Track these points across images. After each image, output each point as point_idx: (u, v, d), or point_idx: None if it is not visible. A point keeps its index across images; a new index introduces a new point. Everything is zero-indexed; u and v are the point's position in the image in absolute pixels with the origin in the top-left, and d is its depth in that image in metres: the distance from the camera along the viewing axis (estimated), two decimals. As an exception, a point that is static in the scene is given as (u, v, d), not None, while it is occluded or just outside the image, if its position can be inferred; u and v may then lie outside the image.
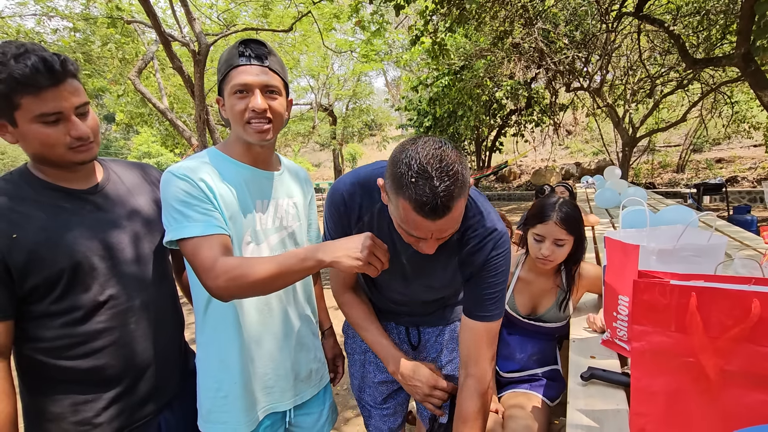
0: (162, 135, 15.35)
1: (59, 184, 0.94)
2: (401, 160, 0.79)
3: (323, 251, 0.90)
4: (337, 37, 14.49)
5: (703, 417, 0.75)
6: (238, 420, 1.04)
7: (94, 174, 1.02)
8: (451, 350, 1.27)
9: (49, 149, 0.89)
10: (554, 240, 1.45)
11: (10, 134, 0.89)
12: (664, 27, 5.53)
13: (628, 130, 10.03)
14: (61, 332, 0.90)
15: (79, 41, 8.61)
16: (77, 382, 0.93)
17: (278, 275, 0.90)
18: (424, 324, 1.26)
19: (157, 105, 7.01)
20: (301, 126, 20.57)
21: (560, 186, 4.64)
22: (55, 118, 0.87)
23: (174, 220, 0.95)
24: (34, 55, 0.83)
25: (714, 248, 1.03)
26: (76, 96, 0.89)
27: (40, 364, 0.91)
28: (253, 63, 1.00)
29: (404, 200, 0.78)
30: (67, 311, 0.91)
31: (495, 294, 1.01)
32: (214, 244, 0.93)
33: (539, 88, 12.15)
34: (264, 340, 1.08)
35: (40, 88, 0.84)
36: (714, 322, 0.72)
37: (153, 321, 1.02)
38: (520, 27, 7.50)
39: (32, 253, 0.86)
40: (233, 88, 0.99)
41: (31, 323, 0.90)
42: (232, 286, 0.89)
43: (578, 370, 1.13)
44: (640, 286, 0.79)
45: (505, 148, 16.15)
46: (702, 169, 12.61)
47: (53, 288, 0.89)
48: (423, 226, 0.80)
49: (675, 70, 8.88)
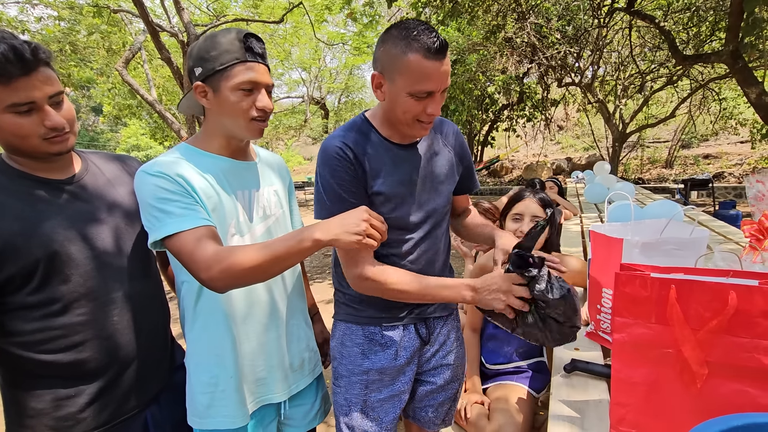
0: (151, 127, 15.14)
1: (35, 174, 0.92)
2: (397, 35, 0.94)
3: (320, 231, 0.87)
4: (328, 29, 14.38)
5: (681, 406, 0.77)
6: (236, 413, 1.04)
7: (72, 164, 0.99)
8: (453, 340, 1.26)
9: (22, 140, 0.86)
10: (532, 217, 1.55)
11: None
12: (655, 23, 5.57)
13: (618, 126, 10.12)
14: (39, 325, 0.88)
15: (64, 30, 8.41)
16: (58, 376, 0.91)
17: (274, 260, 0.88)
18: (429, 315, 1.19)
19: (145, 96, 6.90)
20: (292, 119, 20.42)
21: (549, 181, 4.68)
22: (27, 108, 0.84)
23: (155, 219, 0.92)
24: (3, 43, 0.80)
25: (696, 242, 1.05)
26: (49, 85, 0.86)
27: (19, 358, 0.89)
28: (259, 61, 1.00)
29: (414, 53, 0.91)
30: (45, 303, 0.88)
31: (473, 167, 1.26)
32: (201, 237, 0.90)
33: (531, 83, 12.19)
34: (255, 331, 1.07)
35: (11, 78, 0.81)
36: (693, 314, 0.73)
37: (136, 314, 1.00)
38: (513, 21, 7.50)
39: (6, 242, 0.84)
40: (240, 85, 0.97)
41: (7, 315, 0.87)
42: (227, 276, 0.87)
43: (562, 362, 1.15)
44: (621, 279, 0.80)
45: (497, 142, 16.20)
46: (690, 165, 12.78)
47: (30, 279, 0.87)
48: (435, 72, 0.93)
49: (665, 66, 8.97)
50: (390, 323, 1.13)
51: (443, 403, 1.27)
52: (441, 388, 1.25)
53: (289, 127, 20.64)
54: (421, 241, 1.12)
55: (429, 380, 1.24)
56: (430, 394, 1.25)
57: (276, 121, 19.69)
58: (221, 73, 0.97)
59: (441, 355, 1.23)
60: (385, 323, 1.13)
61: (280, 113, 19.50)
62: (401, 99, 0.96)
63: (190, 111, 1.14)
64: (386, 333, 1.13)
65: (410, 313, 1.14)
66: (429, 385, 1.24)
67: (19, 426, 0.91)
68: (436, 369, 1.23)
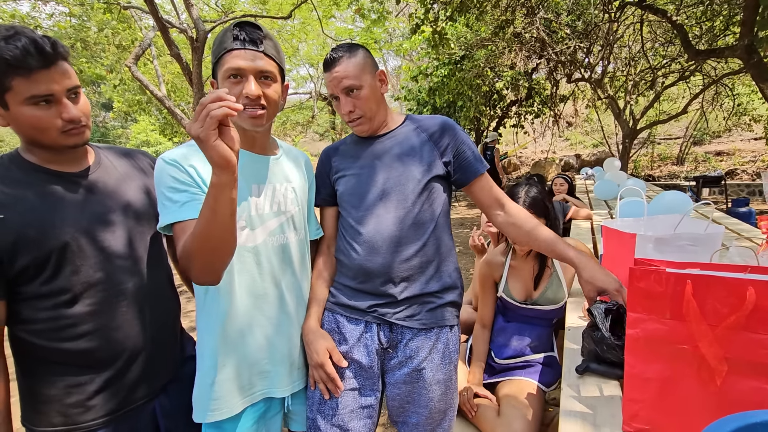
0: (160, 123, 15.23)
1: (49, 167, 0.94)
2: None
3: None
4: (336, 25, 14.34)
5: (696, 403, 0.76)
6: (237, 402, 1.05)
7: (86, 157, 1.01)
8: (422, 359, 1.17)
9: (41, 132, 0.89)
10: None
11: (1, 117, 0.89)
12: (667, 17, 5.47)
13: (628, 122, 9.99)
14: (51, 314, 0.91)
15: (75, 27, 8.49)
16: (69, 364, 0.94)
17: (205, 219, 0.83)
18: (396, 320, 1.16)
19: (154, 92, 6.94)
20: (300, 115, 20.44)
21: (559, 178, 4.63)
22: (46, 100, 0.87)
23: (163, 207, 0.96)
24: (25, 37, 0.83)
25: (711, 237, 1.03)
26: (68, 78, 0.89)
27: (33, 346, 0.92)
28: (247, 47, 0.98)
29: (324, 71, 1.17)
30: (57, 293, 0.91)
31: (473, 148, 1.23)
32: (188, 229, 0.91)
33: (540, 79, 12.05)
34: (259, 325, 1.07)
35: (31, 70, 0.83)
36: (710, 309, 0.72)
37: (145, 305, 1.02)
38: (522, 16, 7.41)
39: (20, 234, 0.87)
40: (226, 72, 0.98)
41: (22, 305, 0.91)
42: (186, 261, 0.89)
43: (573, 358, 1.14)
44: (635, 274, 0.79)
45: (505, 139, 16.07)
46: (701, 162, 12.59)
47: (43, 269, 0.89)
48: (328, 79, 1.16)
49: (677, 62, 8.82)
50: (352, 315, 1.19)
51: (416, 428, 1.20)
52: (414, 408, 1.19)
53: (296, 123, 20.67)
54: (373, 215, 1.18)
55: (395, 393, 1.20)
56: (401, 411, 1.21)
57: (283, 117, 19.73)
58: (218, 64, 1.00)
59: (407, 370, 1.17)
60: (348, 314, 1.19)
61: (288, 109, 19.53)
62: (334, 103, 1.21)
63: None
64: (349, 325, 1.19)
65: (373, 310, 1.17)
66: (396, 400, 1.20)
67: (34, 412, 0.94)
68: (402, 384, 1.18)
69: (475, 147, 1.27)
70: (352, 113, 1.16)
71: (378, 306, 1.17)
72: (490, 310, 1.68)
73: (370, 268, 1.16)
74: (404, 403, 1.20)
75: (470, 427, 1.52)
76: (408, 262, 1.16)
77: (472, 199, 1.27)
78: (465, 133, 1.24)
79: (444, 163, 1.20)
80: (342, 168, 1.25)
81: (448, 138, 1.21)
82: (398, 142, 1.21)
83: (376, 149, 1.22)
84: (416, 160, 1.18)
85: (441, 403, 1.21)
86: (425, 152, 1.19)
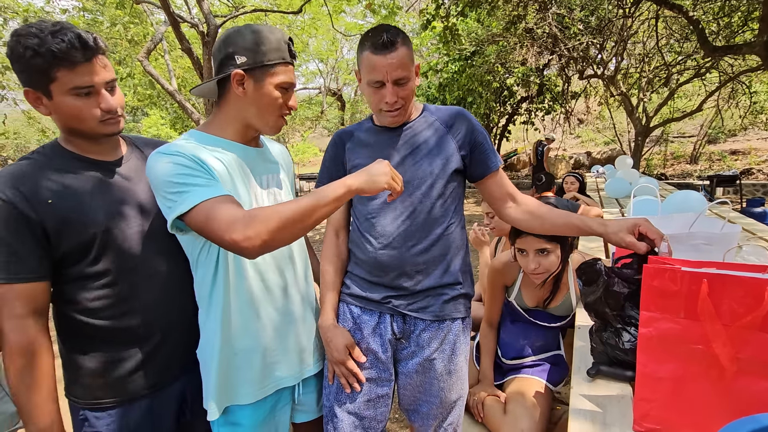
0: (171, 117, 15.37)
1: (88, 156, 1.01)
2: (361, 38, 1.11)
3: (351, 178, 0.94)
4: (346, 20, 14.30)
5: (708, 403, 0.75)
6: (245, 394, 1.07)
7: (119, 148, 1.09)
8: (434, 350, 1.19)
9: (81, 121, 0.96)
10: (536, 251, 1.41)
11: (45, 106, 0.95)
12: (684, 12, 5.37)
13: (641, 120, 9.84)
14: (95, 294, 0.98)
15: (88, 21, 8.58)
16: (111, 340, 1.01)
17: (312, 208, 0.89)
18: (410, 311, 1.18)
19: (165, 86, 7.00)
20: (309, 111, 20.47)
21: (570, 176, 4.58)
22: (87, 91, 0.94)
23: (176, 194, 0.91)
24: (70, 32, 0.90)
25: (727, 237, 1.01)
26: (107, 71, 0.96)
27: (78, 323, 0.99)
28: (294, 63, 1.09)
29: (365, 50, 1.08)
30: (101, 275, 0.98)
31: (489, 144, 1.22)
32: (227, 202, 0.90)
33: (551, 75, 11.92)
34: (267, 315, 1.09)
35: (75, 63, 0.90)
36: (726, 309, 0.71)
37: (176, 287, 1.09)
38: (534, 12, 7.33)
39: (65, 219, 0.93)
40: (282, 83, 1.05)
41: (67, 285, 0.98)
42: (263, 232, 0.84)
43: (582, 356, 1.13)
44: (649, 272, 0.78)
45: (514, 135, 15.94)
46: (716, 161, 12.37)
47: (87, 252, 0.97)
48: (380, 63, 1.06)
49: (692, 58, 8.65)
50: (367, 307, 1.20)
51: (429, 416, 1.22)
52: (425, 398, 1.22)
53: (305, 118, 20.71)
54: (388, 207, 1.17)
55: (407, 382, 1.22)
56: (412, 400, 1.23)
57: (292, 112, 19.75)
58: (267, 69, 1.01)
59: (419, 360, 1.19)
60: (363, 305, 1.20)
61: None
62: (366, 89, 1.14)
63: (203, 95, 1.18)
64: (364, 316, 1.20)
65: (387, 302, 1.18)
66: (408, 389, 1.22)
67: (77, 385, 1.02)
68: (414, 374, 1.20)
69: (491, 140, 1.26)
70: (395, 104, 1.11)
71: (392, 298, 1.18)
72: (498, 311, 1.67)
73: (385, 262, 1.16)
74: (416, 392, 1.22)
75: (477, 425, 1.52)
76: (423, 256, 1.16)
77: (483, 193, 1.26)
78: (480, 124, 1.22)
79: (462, 156, 1.19)
80: (357, 156, 1.22)
81: (465, 130, 1.19)
82: (416, 133, 1.19)
83: (394, 140, 1.19)
84: (434, 155, 1.17)
85: (452, 393, 1.22)
86: (443, 146, 1.18)
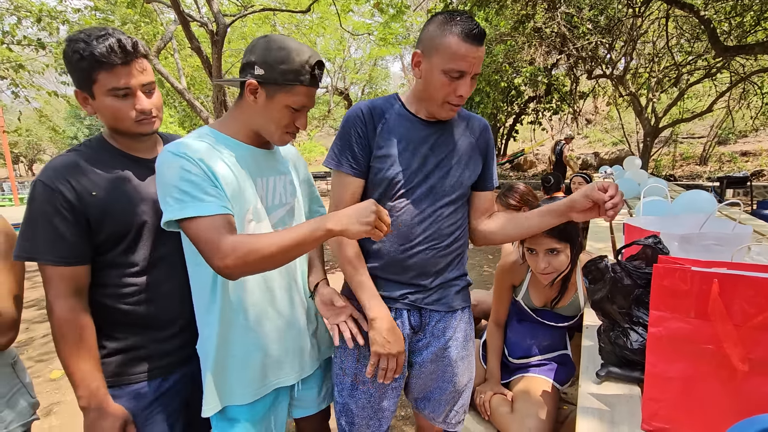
0: (180, 116, 15.49)
1: (130, 152, 1.09)
2: (442, 18, 1.04)
3: (332, 221, 0.92)
4: (354, 19, 14.31)
5: (718, 404, 0.75)
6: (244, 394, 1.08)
7: (156, 146, 1.16)
8: (448, 338, 1.22)
9: (118, 121, 1.03)
10: (546, 250, 1.40)
11: (90, 105, 1.03)
12: (695, 12, 5.31)
13: (650, 120, 9.75)
14: (124, 281, 1.05)
15: (99, 21, 8.66)
16: (135, 324, 1.08)
17: (288, 248, 0.91)
18: (426, 304, 1.19)
19: (175, 85, 7.06)
20: (316, 110, 20.52)
21: (578, 176, 4.56)
22: (124, 93, 1.00)
23: (175, 200, 0.93)
24: (112, 37, 0.97)
25: (738, 237, 1.01)
26: (144, 74, 1.03)
27: (105, 307, 1.05)
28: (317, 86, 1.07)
29: (453, 35, 1.01)
30: (130, 264, 1.05)
31: (495, 161, 1.26)
32: (218, 224, 0.92)
33: (560, 75, 11.85)
34: (269, 316, 1.10)
35: (114, 65, 0.97)
36: (737, 309, 0.71)
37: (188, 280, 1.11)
38: (543, 11, 7.29)
39: (107, 210, 1.01)
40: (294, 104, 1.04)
41: (98, 271, 1.04)
42: (241, 264, 0.90)
43: (591, 356, 1.13)
44: (660, 272, 0.78)
45: (521, 135, 15.87)
46: (726, 162, 12.23)
47: (120, 242, 1.04)
48: (469, 54, 1.01)
49: (703, 58, 8.56)
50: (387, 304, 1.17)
51: (440, 403, 1.25)
52: (437, 384, 1.24)
53: (312, 117, 20.77)
54: (415, 209, 1.14)
55: (420, 372, 1.23)
56: (424, 388, 1.25)
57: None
58: (283, 87, 1.02)
59: (434, 350, 1.21)
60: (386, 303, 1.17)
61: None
62: (435, 76, 1.05)
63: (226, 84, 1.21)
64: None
65: (404, 298, 1.18)
66: (422, 378, 1.24)
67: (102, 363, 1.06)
68: (429, 363, 1.22)
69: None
70: (463, 98, 1.09)
71: (409, 294, 1.19)
72: (505, 310, 1.68)
73: (406, 263, 1.16)
74: (428, 380, 1.24)
75: (483, 423, 1.52)
76: (444, 258, 1.19)
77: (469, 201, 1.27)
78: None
79: (479, 168, 1.23)
80: (389, 145, 1.13)
81: (486, 146, 1.24)
82: (451, 137, 1.18)
83: (429, 139, 1.15)
84: (465, 165, 1.19)
85: (464, 377, 1.26)
86: (474, 157, 1.21)
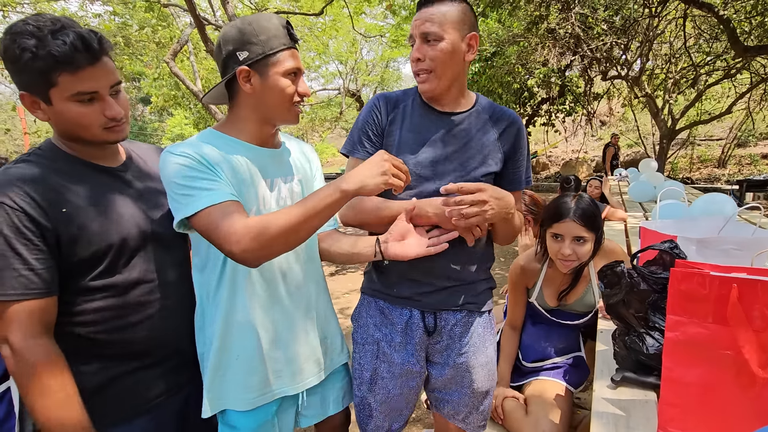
0: (195, 117, 15.71)
1: (91, 160, 0.95)
2: None
3: (345, 181, 0.89)
4: (366, 21, 14.37)
5: (736, 410, 0.74)
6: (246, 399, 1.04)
7: (119, 152, 1.02)
8: (465, 343, 1.18)
9: (83, 128, 0.89)
10: (573, 238, 1.40)
11: (42, 111, 0.88)
12: (714, 11, 5.21)
13: (667, 122, 9.58)
14: (101, 305, 0.91)
15: (118, 25, 8.88)
16: (115, 355, 0.94)
17: (305, 219, 0.87)
18: (440, 306, 1.16)
19: (190, 87, 7.18)
20: (328, 111, 20.61)
21: (594, 179, 4.51)
22: (90, 97, 0.86)
23: (182, 197, 0.90)
24: (72, 32, 0.81)
25: (759, 242, 0.99)
26: (111, 75, 0.89)
27: (78, 337, 0.90)
28: (296, 47, 1.01)
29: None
30: (109, 286, 0.91)
31: (526, 162, 1.19)
32: (228, 210, 0.89)
33: (573, 76, 11.71)
34: (271, 321, 1.05)
35: (79, 67, 0.82)
36: (757, 315, 0.70)
37: (180, 297, 1.04)
38: (557, 11, 7.21)
39: (82, 227, 0.87)
40: (289, 70, 0.98)
41: (72, 297, 0.89)
42: (257, 245, 0.86)
43: (606, 360, 1.13)
44: (677, 276, 0.77)
45: (534, 137, 15.71)
46: (746, 165, 11.94)
47: (99, 262, 0.90)
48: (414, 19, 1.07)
49: (722, 59, 8.38)
50: (395, 303, 1.16)
51: (460, 404, 1.21)
52: (457, 388, 1.20)
53: (324, 119, 20.86)
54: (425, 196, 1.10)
55: (440, 373, 1.20)
56: (443, 388, 1.22)
57: (312, 113, 19.95)
58: (269, 59, 0.96)
59: (453, 352, 1.18)
60: (391, 300, 1.17)
61: (316, 105, 19.77)
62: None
63: (215, 101, 1.12)
64: (395, 310, 1.17)
65: (411, 297, 1.15)
66: (440, 379, 1.21)
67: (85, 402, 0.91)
68: (449, 365, 1.18)
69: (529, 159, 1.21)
70: (419, 62, 1.06)
71: (423, 295, 1.15)
72: (521, 313, 1.66)
73: (420, 266, 1.12)
74: (447, 384, 1.21)
75: (497, 426, 1.52)
76: (458, 260, 1.14)
77: None
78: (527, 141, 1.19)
79: (502, 164, 1.16)
80: (397, 133, 1.13)
81: (514, 142, 1.16)
82: (468, 131, 1.14)
83: (443, 133, 1.12)
84: (481, 162, 1.13)
85: (484, 384, 1.21)
86: (492, 154, 1.14)
